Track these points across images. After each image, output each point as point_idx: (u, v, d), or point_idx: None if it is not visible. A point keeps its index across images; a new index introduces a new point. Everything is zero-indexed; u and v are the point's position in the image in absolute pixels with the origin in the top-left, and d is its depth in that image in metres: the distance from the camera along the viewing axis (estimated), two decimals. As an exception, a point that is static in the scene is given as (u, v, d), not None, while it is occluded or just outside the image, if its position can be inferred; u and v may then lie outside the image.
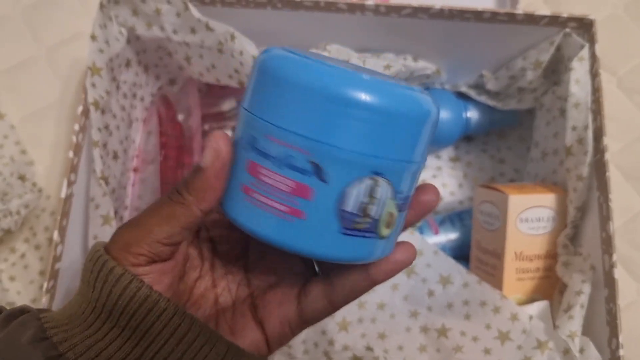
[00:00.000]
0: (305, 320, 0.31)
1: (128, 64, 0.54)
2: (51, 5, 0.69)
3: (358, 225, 0.26)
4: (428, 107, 0.26)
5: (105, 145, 0.49)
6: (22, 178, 0.57)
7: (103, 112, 0.48)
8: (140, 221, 0.28)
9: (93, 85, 0.47)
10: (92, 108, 0.46)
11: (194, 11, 0.49)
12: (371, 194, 0.26)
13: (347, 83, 0.25)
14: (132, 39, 0.53)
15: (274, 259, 0.33)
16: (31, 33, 0.68)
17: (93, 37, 0.48)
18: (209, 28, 0.49)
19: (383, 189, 0.26)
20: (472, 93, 0.58)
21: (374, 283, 0.30)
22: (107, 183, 0.48)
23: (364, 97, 0.24)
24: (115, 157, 0.52)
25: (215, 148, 0.27)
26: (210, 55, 0.51)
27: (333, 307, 0.31)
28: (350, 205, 0.26)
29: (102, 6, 0.49)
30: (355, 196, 0.26)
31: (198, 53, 0.52)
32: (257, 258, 0.33)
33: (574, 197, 0.48)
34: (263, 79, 0.26)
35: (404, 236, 0.51)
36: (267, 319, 0.31)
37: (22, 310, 0.28)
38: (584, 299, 0.44)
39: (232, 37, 0.48)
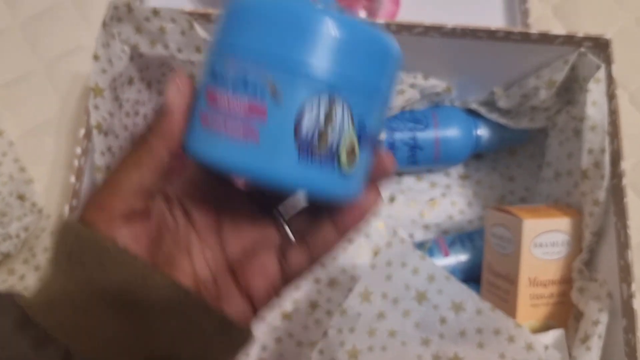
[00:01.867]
0: (288, 281, 0.32)
1: (131, 81, 0.53)
2: (51, 18, 0.67)
3: (315, 151, 0.25)
4: (394, 46, 0.27)
5: (108, 168, 0.48)
6: (21, 198, 0.56)
7: (106, 134, 0.47)
8: (108, 180, 0.28)
9: (96, 107, 0.45)
10: (95, 131, 0.45)
11: (200, 30, 0.47)
12: (328, 117, 0.25)
13: (316, 5, 0.25)
14: (135, 56, 0.51)
15: (249, 229, 0.33)
16: (30, 46, 0.66)
17: (96, 57, 0.46)
18: (214, 48, 0.47)
19: (340, 113, 0.25)
20: (483, 110, 0.57)
21: (344, 231, 0.31)
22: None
23: (330, 18, 0.25)
24: (118, 178, 0.51)
25: (177, 85, 0.27)
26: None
27: (313, 263, 0.32)
28: (305, 128, 0.24)
29: (104, 24, 0.47)
30: (309, 118, 0.24)
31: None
32: (231, 229, 0.33)
33: (590, 221, 0.46)
34: (230, 6, 0.26)
35: (415, 262, 0.50)
36: (253, 287, 0.31)
37: None
38: (601, 329, 0.43)
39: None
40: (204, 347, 0.28)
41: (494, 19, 0.64)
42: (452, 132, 0.56)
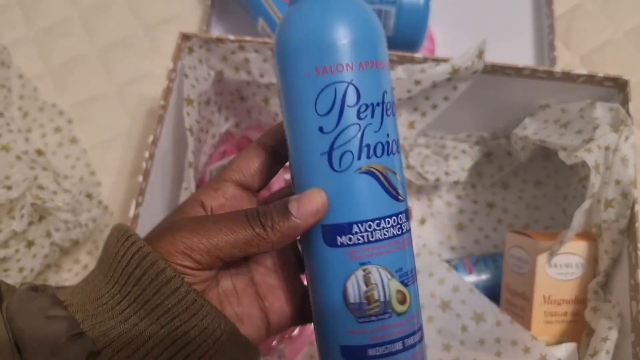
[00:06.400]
0: (305, 317, 0.34)
1: (208, 102, 0.60)
2: (124, 46, 0.76)
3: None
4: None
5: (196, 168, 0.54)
6: (89, 196, 0.62)
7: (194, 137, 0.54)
8: (210, 231, 0.29)
9: (188, 114, 0.52)
10: (188, 133, 0.52)
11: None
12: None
13: None
14: (216, 80, 0.59)
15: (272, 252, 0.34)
16: (105, 71, 0.74)
17: (186, 76, 0.54)
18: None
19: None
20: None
21: None
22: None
23: None
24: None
25: (315, 206, 0.29)
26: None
27: None
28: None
29: (191, 50, 0.55)
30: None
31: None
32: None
33: (611, 248, 0.50)
34: None
35: (441, 273, 0.54)
36: (271, 310, 0.33)
37: (36, 288, 0.29)
38: (609, 345, 0.46)
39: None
40: None
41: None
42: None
